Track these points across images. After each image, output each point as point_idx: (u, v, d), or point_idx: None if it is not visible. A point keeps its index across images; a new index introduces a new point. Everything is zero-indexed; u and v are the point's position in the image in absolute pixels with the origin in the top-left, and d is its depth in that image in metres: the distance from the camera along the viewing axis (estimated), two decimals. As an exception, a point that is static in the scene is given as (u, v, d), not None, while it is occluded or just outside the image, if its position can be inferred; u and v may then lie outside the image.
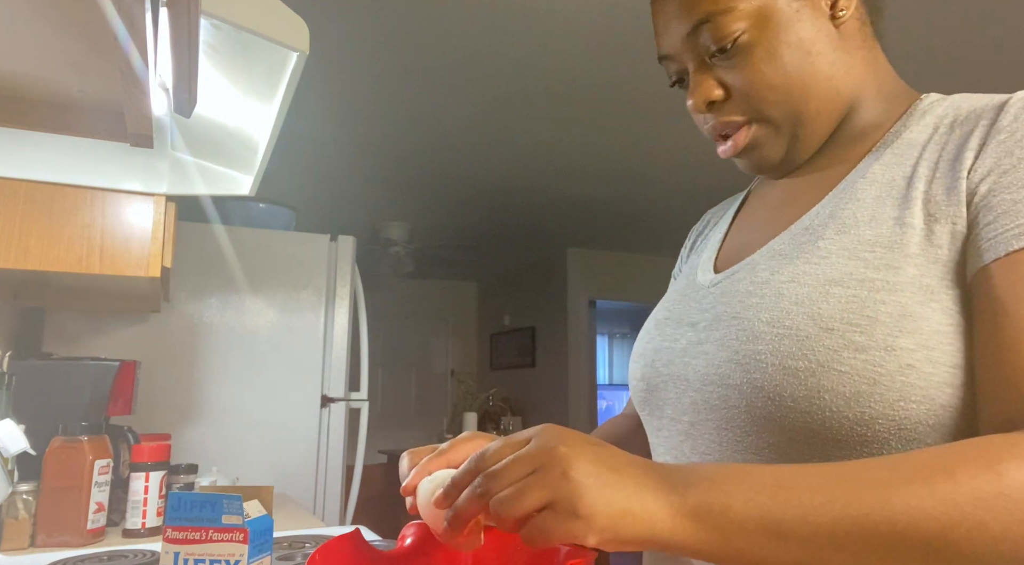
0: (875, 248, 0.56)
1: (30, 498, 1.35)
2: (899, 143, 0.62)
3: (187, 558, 0.70)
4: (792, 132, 0.65)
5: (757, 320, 0.58)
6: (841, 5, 0.64)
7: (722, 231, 0.77)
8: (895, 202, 0.58)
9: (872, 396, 0.52)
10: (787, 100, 0.63)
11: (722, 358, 0.60)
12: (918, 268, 0.54)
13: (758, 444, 0.57)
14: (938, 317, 0.52)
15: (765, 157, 0.67)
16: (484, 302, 6.74)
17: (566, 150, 3.38)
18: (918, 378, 0.51)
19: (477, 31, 2.29)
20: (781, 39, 0.62)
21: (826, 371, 0.53)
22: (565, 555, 0.56)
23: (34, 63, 1.06)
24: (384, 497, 5.25)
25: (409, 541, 0.62)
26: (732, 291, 0.63)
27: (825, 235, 0.59)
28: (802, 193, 0.67)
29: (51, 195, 1.31)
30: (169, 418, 2.24)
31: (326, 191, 4.04)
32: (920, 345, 0.51)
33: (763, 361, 0.56)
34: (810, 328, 0.54)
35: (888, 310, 0.52)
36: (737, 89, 0.64)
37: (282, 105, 1.13)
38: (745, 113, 0.65)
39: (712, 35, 0.63)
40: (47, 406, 1.52)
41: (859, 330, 0.52)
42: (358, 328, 2.61)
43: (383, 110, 2.91)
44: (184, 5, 0.67)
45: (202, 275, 2.34)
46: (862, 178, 0.62)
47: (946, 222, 0.54)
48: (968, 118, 0.59)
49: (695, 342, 0.64)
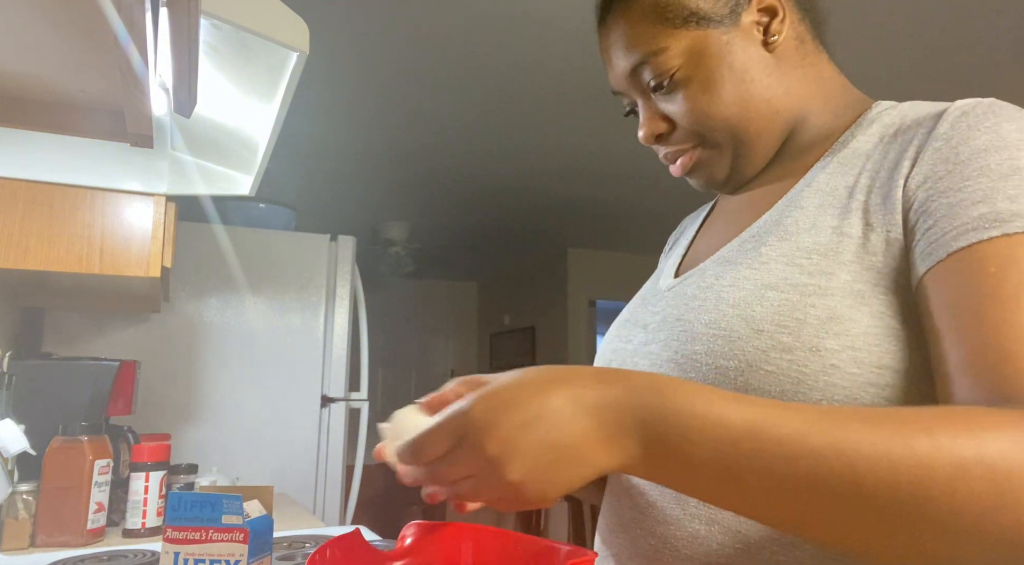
0: (812, 255, 0.57)
1: (30, 498, 1.35)
2: (846, 152, 0.63)
3: (187, 558, 0.70)
4: (734, 152, 0.68)
5: (697, 322, 0.60)
6: (773, 30, 0.66)
7: (689, 238, 0.81)
8: (835, 211, 0.59)
9: (796, 395, 0.53)
10: (726, 126, 0.66)
11: (664, 358, 0.62)
12: (851, 274, 0.55)
13: None
14: (867, 320, 0.53)
15: (711, 176, 0.70)
16: (484, 302, 6.74)
17: (566, 150, 3.38)
18: (841, 378, 0.52)
19: (478, 32, 2.29)
20: (714, 71, 0.65)
21: (754, 370, 0.55)
22: (565, 555, 0.56)
23: (34, 63, 1.06)
24: (384, 497, 5.24)
25: (409, 541, 0.62)
26: (680, 295, 0.66)
27: (767, 242, 0.61)
28: (756, 202, 0.70)
29: (51, 195, 1.31)
30: (169, 418, 2.24)
31: (326, 191, 4.04)
32: (845, 346, 0.53)
33: (698, 361, 0.58)
34: (743, 329, 0.56)
35: (817, 313, 0.54)
36: (680, 119, 0.68)
37: (282, 105, 1.13)
38: (689, 140, 0.69)
39: (651, 73, 0.67)
40: (47, 406, 1.52)
41: (787, 331, 0.54)
42: (358, 328, 2.61)
43: (383, 110, 2.91)
44: (184, 5, 0.67)
45: (202, 275, 2.34)
46: (808, 187, 0.63)
47: (881, 230, 0.56)
48: (910, 127, 0.60)
49: (644, 343, 0.67)
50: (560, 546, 0.57)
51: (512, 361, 6.05)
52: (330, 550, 0.57)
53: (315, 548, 0.66)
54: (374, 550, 0.61)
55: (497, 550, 0.62)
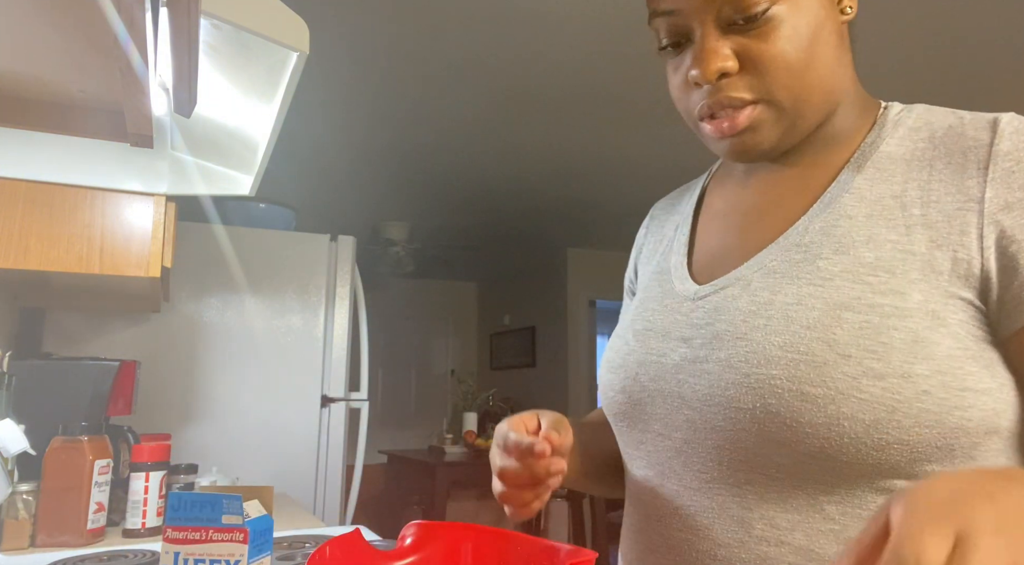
0: (878, 272, 0.55)
1: (30, 498, 1.35)
2: (878, 157, 0.61)
3: (187, 558, 0.70)
4: (792, 120, 0.61)
5: (768, 343, 0.56)
6: (847, 3, 0.62)
7: (686, 232, 0.74)
8: (889, 223, 0.57)
9: (890, 423, 0.52)
10: (799, 85, 0.60)
11: (729, 380, 0.58)
12: (923, 294, 0.54)
13: (765, 464, 0.56)
14: (948, 342, 0.53)
15: (759, 142, 0.62)
16: (484, 302, 6.74)
17: (566, 150, 3.38)
18: (932, 403, 0.52)
19: (478, 31, 2.29)
20: (807, 20, 0.59)
21: (845, 398, 0.52)
22: (565, 555, 0.56)
23: (34, 63, 1.06)
24: (384, 497, 5.24)
25: (409, 541, 0.62)
26: (729, 308, 0.61)
27: (823, 254, 0.58)
28: (781, 198, 0.66)
29: (51, 195, 1.31)
30: (169, 418, 2.24)
31: (326, 191, 4.04)
32: (934, 371, 0.52)
33: (778, 387, 0.55)
34: (827, 354, 0.53)
35: (902, 336, 0.53)
36: (754, 64, 0.59)
37: (282, 105, 1.13)
38: (755, 91, 0.60)
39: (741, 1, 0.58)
40: (47, 406, 1.52)
41: (876, 357, 0.52)
42: (358, 328, 2.61)
43: (383, 110, 2.91)
44: (184, 5, 0.67)
45: (202, 275, 2.34)
46: (847, 193, 0.61)
47: (948, 249, 0.55)
48: (948, 136, 0.59)
49: (691, 360, 0.61)
50: (560, 546, 0.57)
51: (512, 361, 6.05)
52: (330, 550, 0.57)
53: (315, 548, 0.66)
54: (374, 550, 0.61)
55: (497, 550, 0.62)
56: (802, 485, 0.55)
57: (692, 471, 0.61)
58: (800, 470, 0.55)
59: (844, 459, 0.53)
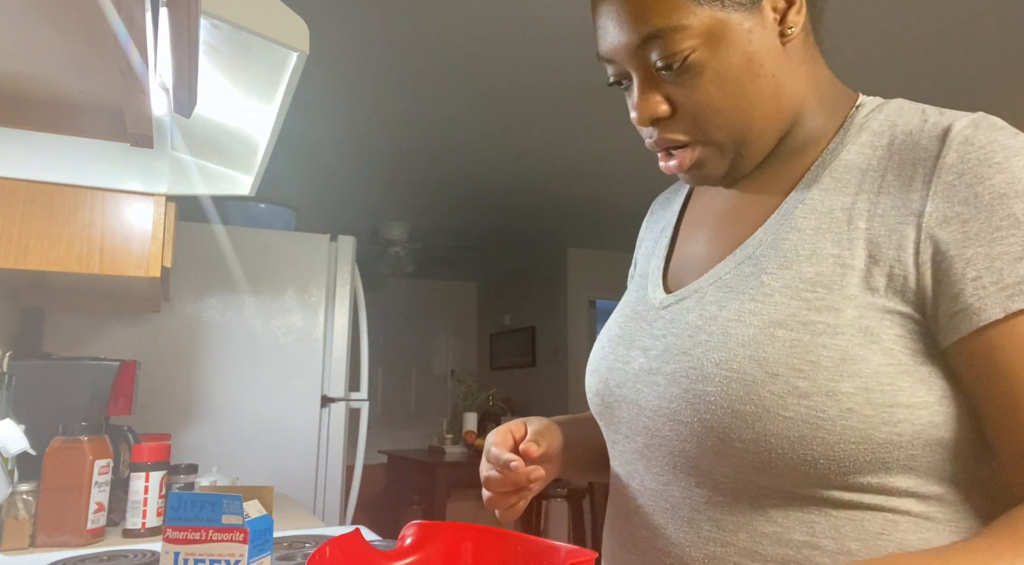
0: (816, 288, 0.56)
1: (30, 498, 1.35)
2: (837, 165, 0.62)
3: (187, 558, 0.70)
4: (735, 151, 0.63)
5: (706, 360, 0.59)
6: (790, 21, 0.61)
7: (668, 236, 0.77)
8: (835, 237, 0.58)
9: (815, 439, 0.53)
10: (732, 123, 0.61)
11: (673, 394, 0.61)
12: (857, 310, 0.55)
13: (709, 471, 0.59)
14: (878, 358, 0.54)
15: (708, 175, 0.66)
16: (484, 302, 6.74)
17: (567, 150, 3.38)
18: (858, 421, 0.53)
19: (478, 31, 2.29)
20: (731, 60, 0.60)
21: (771, 416, 0.54)
22: (565, 555, 0.56)
23: (34, 63, 1.06)
24: (384, 497, 5.24)
25: (409, 541, 0.62)
26: (681, 322, 0.64)
27: (768, 268, 0.60)
28: (745, 208, 0.67)
29: (51, 195, 1.31)
30: (169, 418, 2.24)
31: (326, 191, 4.04)
32: (860, 388, 0.53)
33: (712, 403, 0.57)
34: (756, 372, 0.55)
35: (830, 354, 0.54)
36: (683, 108, 0.62)
37: (282, 105, 1.13)
38: (689, 133, 0.63)
39: (661, 50, 0.60)
40: (47, 406, 1.52)
41: (803, 375, 0.54)
42: (358, 328, 2.61)
43: (383, 110, 2.91)
44: (184, 5, 0.67)
45: (202, 275, 2.34)
46: (801, 204, 0.61)
47: (884, 265, 0.55)
48: (905, 144, 0.58)
49: (646, 370, 0.64)
50: (560, 546, 0.57)
51: (512, 361, 6.05)
52: (330, 550, 0.57)
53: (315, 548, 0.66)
54: (374, 550, 0.61)
55: (497, 550, 0.62)
56: (745, 490, 0.58)
57: (652, 473, 0.64)
58: (740, 477, 0.58)
59: (775, 471, 0.55)
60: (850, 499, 0.55)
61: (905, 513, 0.55)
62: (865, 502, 0.55)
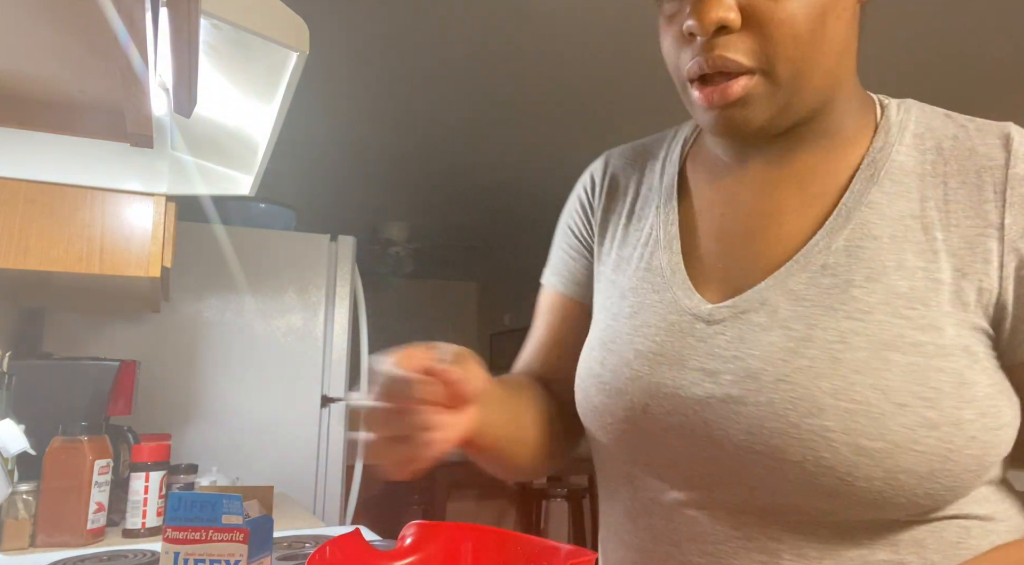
0: (914, 305, 0.52)
1: (30, 498, 1.35)
2: (892, 167, 0.57)
3: (187, 558, 0.70)
4: (788, 98, 0.55)
5: (816, 389, 0.51)
6: None
7: (674, 223, 0.65)
8: (915, 247, 0.54)
9: (943, 472, 0.50)
10: (802, 59, 0.53)
11: (773, 429, 0.52)
12: (954, 328, 0.52)
13: (804, 508, 0.53)
14: (983, 379, 0.52)
15: (749, 119, 0.55)
16: (484, 302, 6.74)
17: (566, 150, 3.38)
18: (978, 448, 0.51)
19: (478, 31, 2.29)
20: None
21: (903, 452, 0.49)
22: (565, 555, 0.56)
23: (34, 63, 1.06)
24: (384, 497, 5.24)
25: (409, 541, 0.62)
26: (756, 341, 0.55)
27: (855, 281, 0.53)
28: (786, 202, 0.59)
29: (51, 195, 1.31)
30: (169, 418, 2.24)
31: (326, 191, 4.04)
32: (979, 414, 0.51)
33: (833, 439, 0.50)
34: (882, 404, 0.49)
35: (948, 379, 0.50)
36: (759, 24, 0.52)
37: (282, 105, 1.13)
38: (754, 57, 0.53)
39: None
40: (47, 406, 1.52)
41: (929, 404, 0.50)
42: (358, 328, 2.61)
43: (383, 110, 2.91)
44: (184, 5, 0.67)
45: (202, 275, 2.34)
46: (867, 207, 0.56)
47: (973, 278, 0.52)
48: (956, 151, 0.56)
49: (721, 398, 0.55)
50: (560, 546, 0.57)
51: (512, 361, 6.05)
52: (330, 550, 0.57)
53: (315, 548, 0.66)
54: (374, 550, 0.61)
55: (497, 550, 0.62)
56: (837, 521, 0.54)
57: (716, 501, 0.57)
58: (841, 512, 0.53)
59: (894, 508, 0.51)
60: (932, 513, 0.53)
61: (974, 518, 0.54)
62: (942, 513, 0.54)
